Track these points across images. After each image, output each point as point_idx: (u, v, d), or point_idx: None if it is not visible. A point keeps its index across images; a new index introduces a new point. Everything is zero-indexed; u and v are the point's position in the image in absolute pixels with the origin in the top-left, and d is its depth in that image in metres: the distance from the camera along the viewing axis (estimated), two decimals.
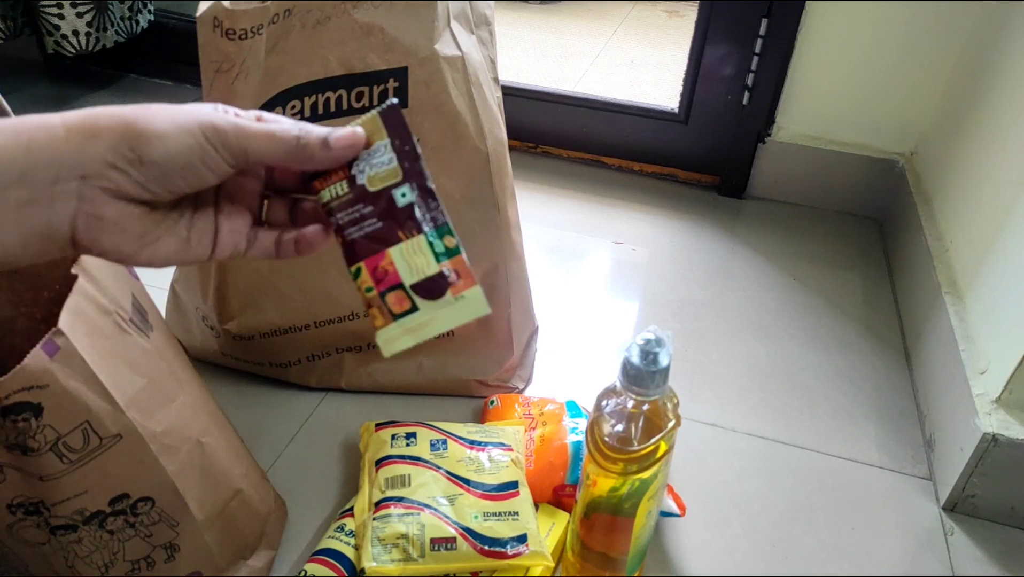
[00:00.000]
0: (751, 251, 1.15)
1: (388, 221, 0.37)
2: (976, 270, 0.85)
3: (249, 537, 0.63)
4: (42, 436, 0.45)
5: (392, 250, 0.37)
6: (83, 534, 0.50)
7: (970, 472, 0.73)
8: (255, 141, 0.35)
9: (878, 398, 0.89)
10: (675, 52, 2.00)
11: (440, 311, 0.37)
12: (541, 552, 0.64)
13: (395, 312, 0.37)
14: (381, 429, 0.72)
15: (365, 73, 0.67)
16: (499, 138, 0.75)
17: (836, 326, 1.00)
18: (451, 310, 0.37)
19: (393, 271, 0.37)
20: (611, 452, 0.55)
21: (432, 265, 0.37)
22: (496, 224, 0.77)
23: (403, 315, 0.37)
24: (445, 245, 0.37)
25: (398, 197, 0.37)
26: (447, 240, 0.37)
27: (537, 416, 0.77)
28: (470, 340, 0.83)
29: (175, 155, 0.34)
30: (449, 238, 0.37)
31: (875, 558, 0.71)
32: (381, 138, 0.38)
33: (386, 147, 0.37)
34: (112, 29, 1.38)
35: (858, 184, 1.22)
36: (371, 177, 0.37)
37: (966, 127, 0.99)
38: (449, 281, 0.37)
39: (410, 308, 0.37)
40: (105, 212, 0.34)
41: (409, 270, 0.37)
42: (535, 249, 1.12)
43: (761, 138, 1.22)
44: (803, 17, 1.11)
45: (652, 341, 0.52)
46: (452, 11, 0.69)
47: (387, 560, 0.61)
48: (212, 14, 0.58)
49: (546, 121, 1.35)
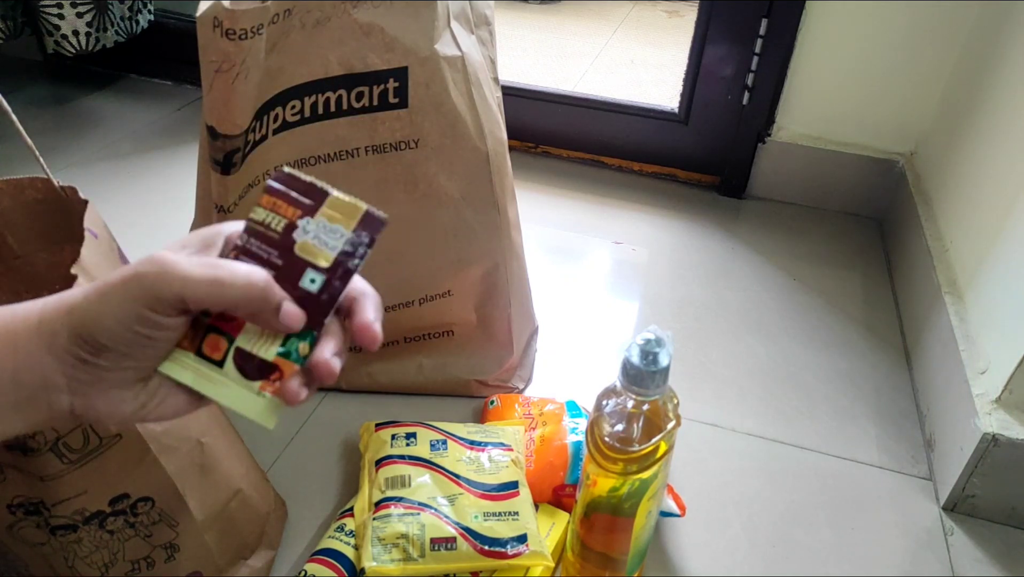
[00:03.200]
0: (751, 251, 1.15)
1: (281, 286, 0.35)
2: (976, 270, 0.85)
3: (249, 537, 0.63)
4: (42, 436, 0.45)
5: None
6: (83, 534, 0.50)
7: (970, 472, 0.73)
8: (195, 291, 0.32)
9: (878, 398, 0.89)
10: (675, 52, 2.00)
11: (235, 388, 0.35)
12: (541, 552, 0.64)
13: (203, 351, 0.35)
14: (381, 429, 0.72)
15: (365, 73, 0.67)
16: (499, 138, 0.75)
17: (836, 326, 1.00)
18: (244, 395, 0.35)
19: (238, 324, 0.35)
20: (611, 452, 0.55)
21: (272, 352, 0.35)
22: (496, 224, 0.77)
23: (206, 359, 0.35)
24: (299, 349, 0.35)
25: (307, 278, 0.35)
26: (303, 347, 0.35)
27: (537, 416, 0.77)
28: (470, 340, 0.83)
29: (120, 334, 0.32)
30: (306, 346, 0.35)
31: (875, 558, 0.71)
32: (347, 228, 0.35)
33: (342, 237, 0.35)
34: (112, 29, 1.38)
35: (858, 184, 1.22)
36: (306, 243, 0.35)
37: (966, 127, 0.99)
38: (270, 377, 0.35)
39: (218, 361, 0.35)
40: (97, 404, 0.34)
41: (251, 337, 0.35)
42: (535, 249, 1.12)
43: (761, 138, 1.22)
44: (803, 17, 1.11)
45: (652, 341, 0.52)
46: (452, 11, 0.69)
47: (387, 560, 0.61)
48: (212, 14, 0.58)
49: (546, 121, 1.35)
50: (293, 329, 0.35)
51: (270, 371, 0.35)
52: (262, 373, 0.35)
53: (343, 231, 0.35)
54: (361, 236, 0.36)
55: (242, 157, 0.66)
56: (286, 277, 0.35)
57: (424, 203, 0.73)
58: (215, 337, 0.35)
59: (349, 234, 0.35)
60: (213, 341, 0.35)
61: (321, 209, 0.36)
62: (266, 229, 0.36)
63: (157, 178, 1.25)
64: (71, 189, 0.53)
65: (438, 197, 0.73)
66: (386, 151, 0.71)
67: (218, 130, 0.63)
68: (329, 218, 0.36)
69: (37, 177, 0.53)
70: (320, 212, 0.36)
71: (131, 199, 1.19)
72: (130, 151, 1.33)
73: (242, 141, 0.65)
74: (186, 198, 0.79)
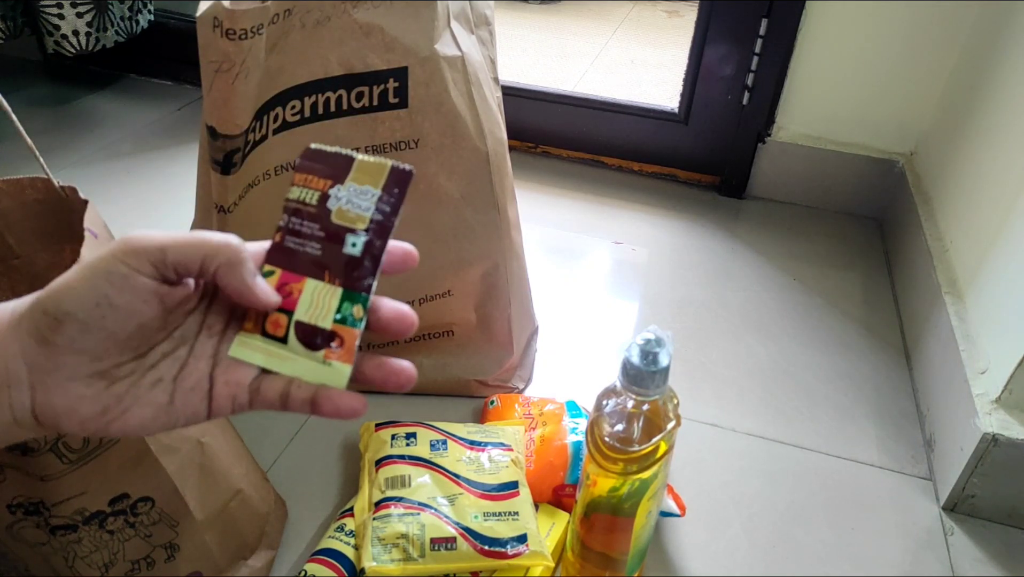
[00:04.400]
0: (751, 251, 1.15)
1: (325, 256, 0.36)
2: (976, 270, 0.85)
3: (249, 537, 0.63)
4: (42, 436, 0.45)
5: (309, 281, 0.36)
6: (83, 534, 0.50)
7: (970, 472, 0.73)
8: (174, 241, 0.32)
9: (878, 398, 0.89)
10: (675, 52, 2.00)
11: (303, 360, 0.36)
12: (541, 552, 0.64)
13: (267, 330, 0.36)
14: (381, 429, 0.72)
15: (365, 73, 0.67)
16: (499, 138, 0.75)
17: (836, 326, 1.00)
18: (313, 366, 0.35)
19: (295, 298, 0.36)
20: (611, 452, 0.55)
21: (329, 320, 0.35)
22: (496, 224, 0.77)
23: (271, 337, 0.36)
24: (353, 313, 0.36)
25: (348, 243, 0.36)
26: (357, 310, 0.36)
27: (537, 416, 0.77)
28: (470, 340, 0.83)
29: (85, 296, 0.31)
30: (360, 309, 0.36)
31: (875, 558, 0.71)
32: (375, 187, 0.36)
33: (373, 196, 0.36)
34: (112, 29, 1.37)
35: (858, 184, 1.22)
36: (340, 209, 0.36)
37: (966, 127, 0.99)
38: (331, 344, 0.35)
39: (281, 337, 0.36)
40: (55, 400, 0.32)
41: (308, 307, 0.36)
42: (535, 249, 1.12)
43: (761, 138, 1.22)
44: (803, 17, 1.11)
45: (652, 341, 0.52)
46: (452, 11, 0.69)
47: (387, 560, 0.61)
48: (212, 14, 0.58)
49: (546, 121, 1.35)
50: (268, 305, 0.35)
51: (331, 338, 0.36)
52: (325, 342, 0.36)
53: (373, 191, 0.36)
54: (392, 191, 0.36)
55: (242, 157, 0.66)
56: (330, 249, 0.36)
57: (424, 203, 0.73)
58: (276, 315, 0.36)
59: (379, 192, 0.36)
60: (274, 319, 0.36)
61: (350, 175, 0.36)
62: (303, 205, 0.36)
63: (157, 178, 1.25)
64: (71, 189, 0.53)
65: (438, 197, 0.73)
66: (386, 151, 0.71)
67: (218, 130, 0.63)
68: (358, 181, 0.36)
69: (37, 177, 0.53)
70: (349, 177, 0.36)
71: (131, 199, 1.19)
72: (130, 151, 1.33)
73: (242, 141, 0.65)
74: (186, 198, 0.79)
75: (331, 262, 0.36)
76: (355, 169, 0.36)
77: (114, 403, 0.33)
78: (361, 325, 0.36)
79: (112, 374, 0.33)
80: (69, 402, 0.32)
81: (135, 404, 0.33)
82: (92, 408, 0.33)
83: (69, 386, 0.32)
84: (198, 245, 0.32)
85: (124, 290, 0.31)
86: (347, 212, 0.36)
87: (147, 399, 0.34)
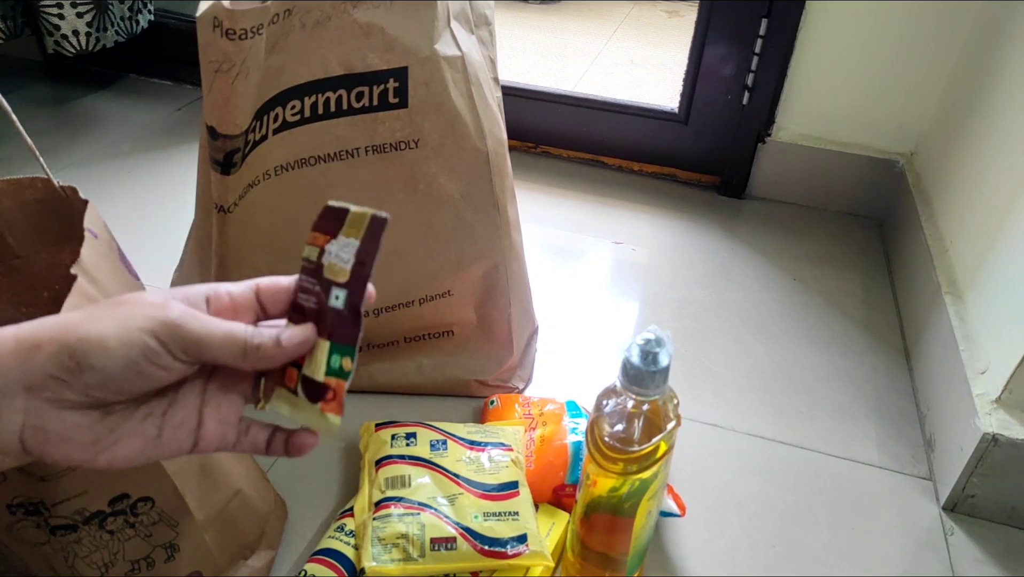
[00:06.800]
0: (751, 251, 1.15)
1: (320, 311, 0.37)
2: (976, 270, 0.85)
3: (249, 537, 0.63)
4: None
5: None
6: (83, 534, 0.50)
7: (970, 472, 0.73)
8: (213, 338, 0.34)
9: (878, 398, 0.89)
10: (675, 52, 2.00)
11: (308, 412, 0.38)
12: (541, 552, 0.64)
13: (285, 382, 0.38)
14: (381, 429, 0.72)
15: (365, 73, 0.67)
16: (499, 138, 0.75)
17: (836, 326, 1.00)
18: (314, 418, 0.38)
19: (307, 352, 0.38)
20: (611, 452, 0.55)
21: (321, 372, 0.37)
22: (496, 224, 0.77)
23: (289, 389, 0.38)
24: (342, 365, 0.37)
25: (332, 296, 0.37)
26: (345, 362, 0.37)
27: (537, 416, 0.77)
28: (470, 340, 0.83)
29: (117, 359, 0.32)
30: (348, 361, 0.37)
31: (875, 558, 0.71)
32: (356, 237, 0.37)
33: (353, 248, 0.37)
34: (112, 29, 1.37)
35: (858, 184, 1.22)
36: (330, 264, 0.37)
37: (966, 127, 0.99)
38: (325, 397, 0.37)
39: (292, 389, 0.38)
40: (49, 425, 0.32)
41: (310, 361, 0.38)
42: (535, 249, 1.12)
43: (761, 138, 1.22)
44: (803, 17, 1.11)
45: (652, 341, 0.52)
46: (452, 11, 0.69)
47: (387, 560, 0.61)
48: (212, 14, 0.58)
49: (546, 121, 1.35)
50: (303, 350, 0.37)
51: (324, 391, 0.37)
52: (320, 394, 0.37)
53: (354, 242, 0.37)
54: (369, 241, 0.37)
55: (242, 157, 0.66)
56: (322, 301, 0.37)
57: (424, 203, 0.73)
58: (291, 369, 0.38)
59: (358, 244, 0.37)
60: (290, 373, 0.38)
61: (343, 228, 0.37)
62: (309, 263, 0.38)
63: (157, 178, 1.25)
64: (71, 189, 0.53)
65: (438, 197, 0.73)
66: (386, 151, 0.71)
67: (218, 130, 0.63)
68: (347, 234, 0.37)
69: (37, 177, 0.53)
70: (341, 231, 0.37)
71: (131, 199, 1.19)
72: (130, 151, 1.33)
73: (242, 141, 0.65)
74: (186, 198, 0.79)
75: (323, 316, 0.37)
76: (347, 223, 0.37)
77: (107, 434, 0.34)
78: (349, 376, 0.37)
79: (109, 408, 0.34)
80: (64, 428, 0.33)
81: (126, 436, 0.34)
82: (85, 436, 0.33)
83: (65, 414, 0.33)
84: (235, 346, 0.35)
85: (156, 366, 0.33)
86: (334, 266, 0.37)
87: (138, 431, 0.35)
